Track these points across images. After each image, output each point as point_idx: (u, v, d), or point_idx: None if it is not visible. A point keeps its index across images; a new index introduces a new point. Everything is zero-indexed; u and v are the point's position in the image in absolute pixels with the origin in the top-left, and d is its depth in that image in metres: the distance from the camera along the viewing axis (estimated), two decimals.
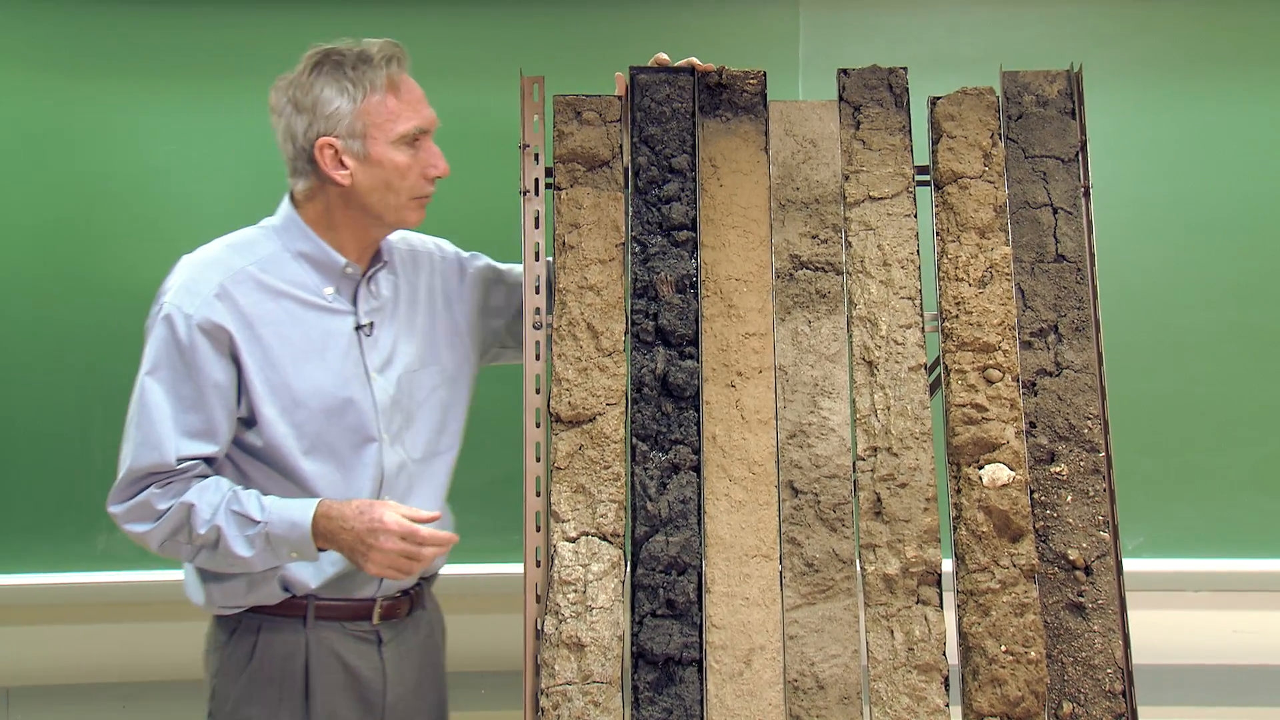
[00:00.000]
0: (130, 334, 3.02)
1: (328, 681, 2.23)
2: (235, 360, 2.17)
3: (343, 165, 2.19)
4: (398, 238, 2.40)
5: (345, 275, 2.26)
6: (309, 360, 2.21)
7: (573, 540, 2.15)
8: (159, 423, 2.14)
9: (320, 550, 2.14)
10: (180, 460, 2.14)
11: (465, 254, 2.46)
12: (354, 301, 2.28)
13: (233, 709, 2.24)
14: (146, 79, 3.12)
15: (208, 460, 2.18)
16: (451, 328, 2.37)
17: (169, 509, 2.13)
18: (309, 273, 2.25)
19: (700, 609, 2.13)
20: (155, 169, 3.10)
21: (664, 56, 2.30)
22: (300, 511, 2.11)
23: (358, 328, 2.26)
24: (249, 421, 2.20)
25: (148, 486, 2.15)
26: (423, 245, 2.43)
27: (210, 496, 2.13)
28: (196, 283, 2.18)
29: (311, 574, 2.22)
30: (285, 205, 2.28)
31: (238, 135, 3.10)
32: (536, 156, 2.30)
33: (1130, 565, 2.26)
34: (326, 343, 2.23)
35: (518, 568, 2.21)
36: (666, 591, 2.12)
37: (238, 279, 2.19)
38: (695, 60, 2.31)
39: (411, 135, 2.19)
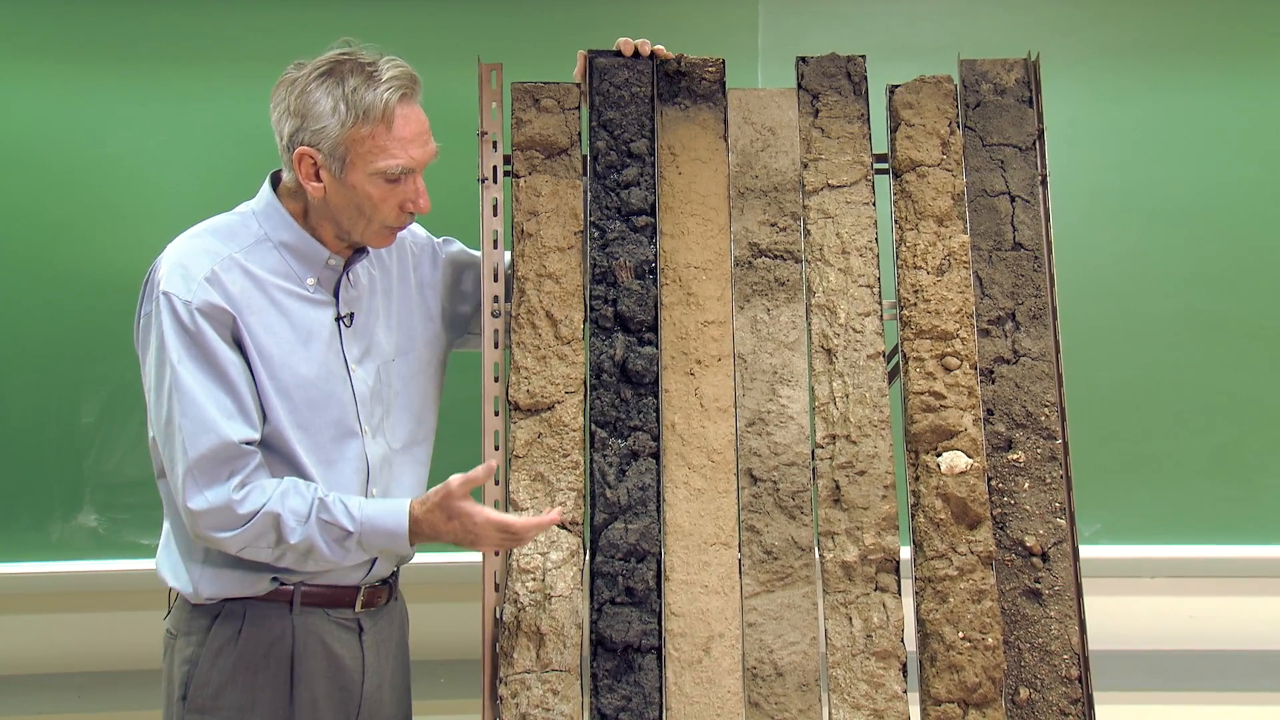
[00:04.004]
0: (88, 323, 3.02)
1: (312, 668, 2.21)
2: (238, 343, 2.12)
3: (317, 178, 2.14)
4: None
5: (328, 267, 2.21)
6: (294, 352, 2.16)
7: None
8: (203, 406, 2.07)
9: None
10: (235, 437, 2.08)
11: (438, 239, 2.44)
12: (335, 293, 2.23)
13: (214, 695, 2.21)
14: (115, 66, 3.09)
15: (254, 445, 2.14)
16: (426, 314, 2.35)
17: (253, 517, 2.07)
18: (291, 263, 2.19)
19: (659, 596, 2.13)
20: (124, 158, 3.08)
21: (627, 40, 2.30)
22: (395, 521, 2.09)
23: (338, 319, 2.23)
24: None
25: (223, 480, 2.08)
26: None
27: (294, 503, 2.08)
28: (188, 268, 2.12)
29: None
30: (267, 191, 2.22)
31: (208, 124, 3.08)
32: (495, 144, 2.29)
33: (1087, 552, 2.26)
34: (310, 334, 2.18)
35: (476, 556, 2.20)
36: (625, 579, 2.12)
37: (226, 266, 2.13)
38: (646, 41, 2.31)
39: (393, 174, 2.12)
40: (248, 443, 2.09)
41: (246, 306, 2.12)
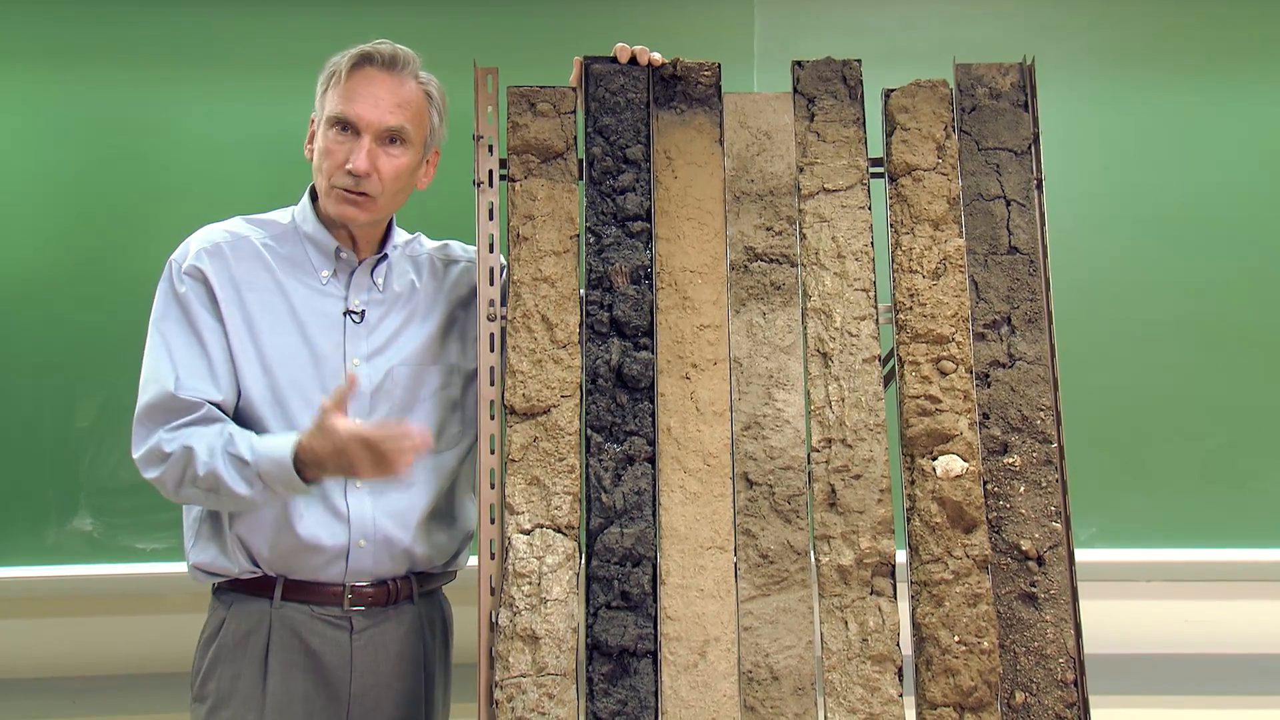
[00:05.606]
0: (84, 327, 3.02)
1: (286, 661, 2.23)
2: (219, 314, 2.24)
3: (312, 141, 2.31)
4: (436, 246, 2.47)
5: (340, 259, 2.32)
6: (287, 332, 2.26)
7: (527, 533, 2.15)
8: (160, 360, 2.21)
9: (311, 482, 2.14)
10: (180, 391, 2.18)
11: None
12: (349, 288, 2.32)
13: (201, 683, 2.27)
14: (114, 72, 3.09)
15: (218, 408, 2.22)
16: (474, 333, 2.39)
17: (173, 453, 2.15)
18: (311, 254, 2.32)
19: (655, 601, 2.13)
20: (122, 162, 3.08)
21: (624, 47, 2.30)
22: (281, 449, 2.12)
23: (346, 313, 2.29)
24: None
25: (160, 427, 2.18)
26: (464, 253, 2.48)
27: (209, 439, 2.15)
28: (195, 240, 2.29)
29: (263, 541, 2.22)
30: (309, 190, 2.37)
31: (206, 127, 3.08)
32: (491, 148, 2.29)
33: (1082, 556, 2.27)
34: (310, 320, 2.28)
35: (472, 560, 2.20)
36: (621, 583, 2.12)
37: (238, 245, 2.28)
38: (645, 49, 2.31)
39: (335, 119, 2.24)
40: (205, 401, 2.19)
41: (246, 283, 2.26)
